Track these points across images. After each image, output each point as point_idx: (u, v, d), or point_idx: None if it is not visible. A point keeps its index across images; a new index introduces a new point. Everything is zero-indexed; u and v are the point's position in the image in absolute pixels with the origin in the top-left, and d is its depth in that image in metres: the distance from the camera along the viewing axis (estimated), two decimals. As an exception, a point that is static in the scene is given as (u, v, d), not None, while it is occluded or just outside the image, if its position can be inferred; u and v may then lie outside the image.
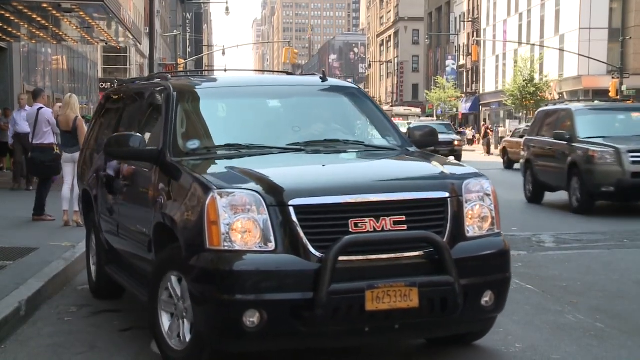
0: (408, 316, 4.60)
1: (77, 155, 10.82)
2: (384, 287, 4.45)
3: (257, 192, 4.54)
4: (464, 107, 72.12)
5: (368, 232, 4.52)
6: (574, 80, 51.61)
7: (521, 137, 24.38)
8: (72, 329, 6.13)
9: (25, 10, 17.83)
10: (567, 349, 5.55)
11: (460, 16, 76.09)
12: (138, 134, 5.61)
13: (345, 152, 5.70)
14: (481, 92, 70.90)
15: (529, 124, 22.26)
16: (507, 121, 54.78)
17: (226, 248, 4.47)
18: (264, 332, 4.45)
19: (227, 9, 57.24)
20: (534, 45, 54.41)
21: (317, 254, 4.43)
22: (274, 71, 11.85)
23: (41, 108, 11.78)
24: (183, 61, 56.21)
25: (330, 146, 5.65)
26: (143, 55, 52.06)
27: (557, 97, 54.89)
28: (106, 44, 28.20)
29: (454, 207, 4.80)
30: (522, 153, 16.78)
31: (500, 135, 45.73)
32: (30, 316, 6.41)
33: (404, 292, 4.49)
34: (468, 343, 5.51)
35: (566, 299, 7.11)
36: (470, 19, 73.21)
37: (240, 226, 4.48)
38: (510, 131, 37.63)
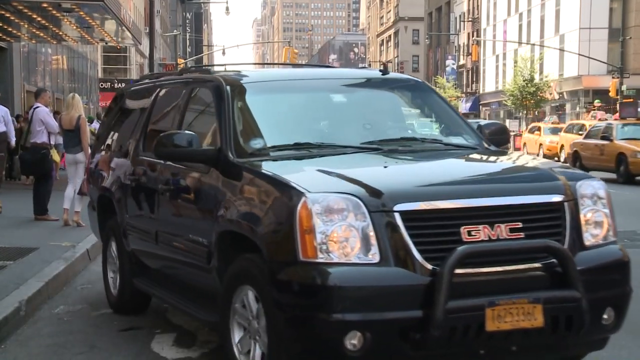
0: (529, 337, 4.03)
1: (79, 156, 10.87)
2: (505, 304, 3.89)
3: (356, 196, 3.94)
4: (464, 107, 72.15)
5: (482, 241, 3.97)
6: (574, 80, 51.64)
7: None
8: (72, 329, 6.13)
9: (26, 10, 17.83)
10: (567, 349, 5.52)
11: (460, 16, 76.11)
12: (193, 133, 4.99)
13: (426, 151, 5.18)
14: (481, 92, 70.95)
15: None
16: (507, 121, 54.79)
17: (323, 260, 3.86)
18: (367, 357, 3.85)
19: (227, 8, 57.27)
20: (534, 45, 54.42)
21: (429, 266, 3.85)
22: (319, 65, 11.26)
23: (37, 107, 11.77)
24: (183, 61, 56.20)
25: (406, 145, 5.17)
26: (143, 55, 52.07)
27: (557, 97, 54.94)
28: (106, 43, 28.22)
29: (571, 212, 4.25)
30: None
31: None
32: (31, 316, 6.41)
33: (527, 310, 3.93)
34: None
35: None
36: (470, 19, 73.23)
37: (339, 235, 3.88)
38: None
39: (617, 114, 29.97)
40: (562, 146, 29.99)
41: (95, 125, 24.61)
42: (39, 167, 11.57)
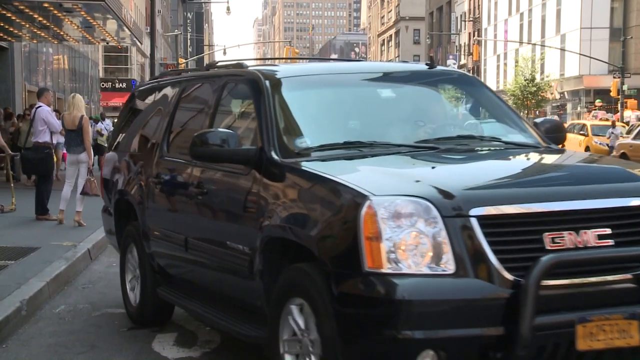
0: (623, 357, 3.63)
1: (82, 156, 10.88)
2: (598, 320, 3.48)
3: (426, 198, 3.51)
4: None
5: (568, 249, 3.54)
6: (575, 80, 51.63)
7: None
8: (73, 328, 6.13)
9: (27, 10, 17.85)
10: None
11: (461, 16, 76.10)
12: (231, 131, 4.59)
13: (488, 150, 4.73)
14: (482, 91, 70.86)
15: None
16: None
17: (391, 271, 3.44)
18: None
19: (228, 8, 57.25)
20: (535, 44, 54.40)
21: (510, 276, 3.43)
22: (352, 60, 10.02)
23: (39, 107, 11.80)
24: (184, 61, 56.21)
25: (464, 143, 4.75)
26: (144, 55, 52.08)
27: (558, 96, 54.94)
28: (107, 43, 28.24)
29: None
30: None
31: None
32: (32, 316, 6.41)
33: (622, 327, 3.51)
34: None
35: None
36: (471, 19, 73.21)
37: (408, 242, 3.47)
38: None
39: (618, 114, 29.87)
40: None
41: (101, 125, 24.62)
42: (41, 166, 11.58)
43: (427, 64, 5.62)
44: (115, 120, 28.81)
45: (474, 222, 3.47)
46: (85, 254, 8.80)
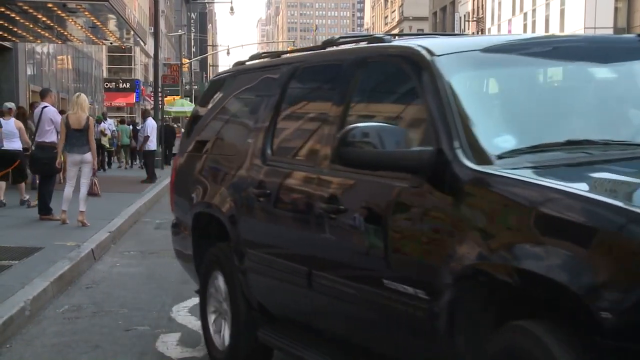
0: None
1: (87, 156, 10.90)
2: None
3: None
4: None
5: None
6: (578, 80, 51.58)
7: None
8: (77, 328, 6.14)
9: (31, 10, 17.85)
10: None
11: (464, 16, 76.05)
12: (399, 127, 3.40)
13: None
14: (486, 91, 70.87)
15: None
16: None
17: None
18: None
19: (231, 8, 57.30)
20: (538, 44, 54.32)
21: None
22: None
23: (45, 107, 11.84)
24: (187, 61, 56.24)
25: None
26: (148, 55, 52.13)
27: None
28: (111, 43, 28.25)
29: None
30: None
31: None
32: (36, 316, 6.42)
33: None
34: None
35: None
36: (474, 19, 73.16)
37: None
38: None
39: None
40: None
41: (105, 125, 24.63)
42: (51, 166, 11.61)
43: (639, 35, 4.11)
44: (117, 120, 28.88)
45: None
46: (88, 254, 8.81)
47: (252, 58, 5.60)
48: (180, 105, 40.72)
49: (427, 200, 3.18)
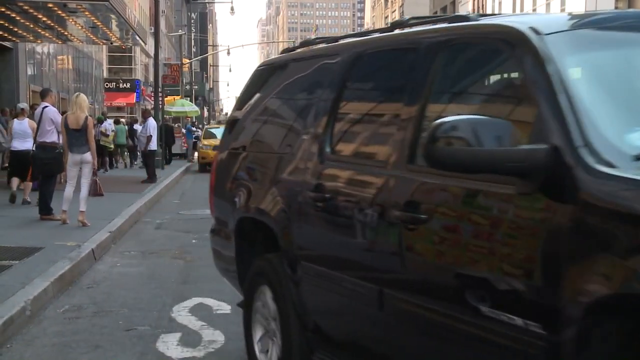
0: None
1: (87, 156, 10.90)
2: None
3: None
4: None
5: None
6: (579, 80, 51.59)
7: None
8: (78, 328, 6.13)
9: (31, 10, 17.87)
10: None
11: (465, 16, 76.14)
12: (500, 119, 2.79)
13: None
14: (486, 91, 70.91)
15: None
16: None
17: None
18: None
19: (232, 8, 57.28)
20: (539, 44, 54.39)
21: None
22: None
23: (46, 107, 11.85)
24: (188, 61, 56.24)
25: None
26: (148, 55, 52.14)
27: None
28: (111, 43, 28.27)
29: None
30: None
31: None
32: (36, 316, 6.42)
33: None
34: None
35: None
36: (475, 19, 73.33)
37: None
38: None
39: None
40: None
41: (106, 125, 24.61)
42: (52, 166, 11.60)
43: None
44: (114, 120, 28.66)
45: None
46: (89, 254, 8.81)
47: (303, 44, 5.05)
48: (181, 106, 40.75)
49: (540, 212, 2.57)
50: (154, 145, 20.36)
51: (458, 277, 2.89)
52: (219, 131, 30.42)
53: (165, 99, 37.76)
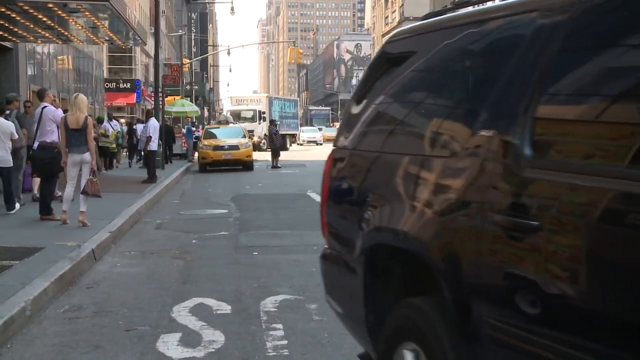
0: None
1: (86, 156, 10.90)
2: None
3: None
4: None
5: None
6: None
7: None
8: (78, 328, 6.14)
9: (31, 11, 17.87)
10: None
11: (465, 16, 76.14)
12: None
13: None
14: (486, 91, 70.89)
15: None
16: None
17: None
18: None
19: (232, 8, 57.27)
20: (539, 45, 54.38)
21: None
22: None
23: (45, 107, 11.86)
24: (188, 61, 56.23)
25: None
26: (148, 55, 52.14)
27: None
28: (111, 44, 28.25)
29: None
30: None
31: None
32: (36, 316, 6.42)
33: None
34: None
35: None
36: (475, 19, 73.30)
37: None
38: None
39: None
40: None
41: (106, 125, 24.62)
42: (52, 166, 11.61)
43: None
44: (116, 119, 28.55)
45: None
46: (89, 254, 8.82)
47: (455, 5, 3.59)
48: (181, 106, 40.75)
49: None
50: (154, 145, 20.37)
51: None
52: (219, 131, 30.43)
53: (166, 99, 37.75)
